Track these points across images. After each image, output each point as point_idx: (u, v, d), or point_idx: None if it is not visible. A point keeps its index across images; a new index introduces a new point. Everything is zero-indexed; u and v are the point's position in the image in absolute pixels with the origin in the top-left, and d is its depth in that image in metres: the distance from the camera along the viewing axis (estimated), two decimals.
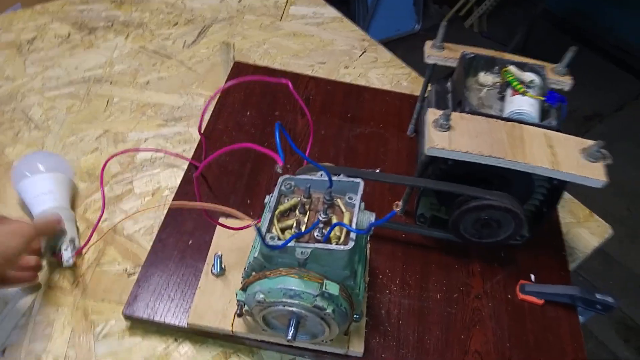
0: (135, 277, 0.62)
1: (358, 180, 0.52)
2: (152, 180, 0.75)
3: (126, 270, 0.64)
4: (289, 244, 0.46)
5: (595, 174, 0.56)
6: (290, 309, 0.48)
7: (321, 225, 0.48)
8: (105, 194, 0.71)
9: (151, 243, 0.65)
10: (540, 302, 0.65)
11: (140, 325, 0.59)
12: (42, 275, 0.62)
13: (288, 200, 0.52)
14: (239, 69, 0.91)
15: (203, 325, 0.56)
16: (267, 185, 0.73)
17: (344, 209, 0.51)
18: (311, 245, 0.46)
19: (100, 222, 0.68)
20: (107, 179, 0.74)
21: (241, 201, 0.71)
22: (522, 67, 0.66)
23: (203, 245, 0.64)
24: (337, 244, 0.47)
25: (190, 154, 0.77)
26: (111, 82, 0.88)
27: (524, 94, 0.62)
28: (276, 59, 0.98)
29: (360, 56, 1.01)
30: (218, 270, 0.59)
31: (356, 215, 0.49)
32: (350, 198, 0.52)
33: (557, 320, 0.63)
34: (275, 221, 0.49)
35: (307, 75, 0.93)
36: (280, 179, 0.52)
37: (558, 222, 0.75)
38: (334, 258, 0.47)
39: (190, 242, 0.65)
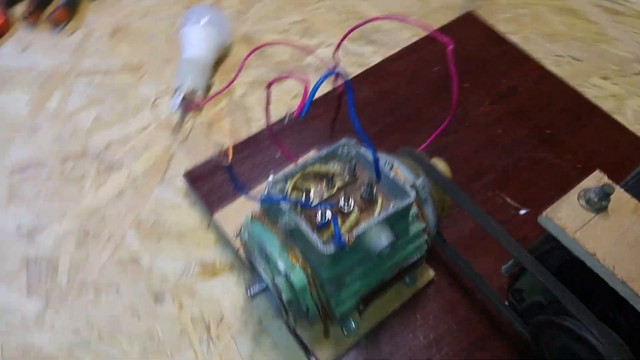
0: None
1: (410, 194, 0.39)
2: (301, 85, 0.72)
3: (223, 147, 0.66)
4: (279, 203, 0.39)
5: None
6: (258, 267, 0.43)
7: (330, 210, 0.39)
8: (258, 73, 0.73)
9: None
10: None
11: (193, 194, 0.61)
12: (163, 114, 0.69)
13: (333, 165, 0.43)
14: (466, 21, 0.77)
15: (221, 228, 0.55)
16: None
17: (377, 212, 0.40)
18: (296, 220, 0.38)
19: (236, 94, 0.70)
20: (275, 61, 0.74)
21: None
22: None
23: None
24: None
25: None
26: None
27: None
28: (523, 31, 0.79)
29: (637, 74, 0.74)
30: None
31: (371, 226, 0.37)
32: (393, 206, 0.40)
33: None
34: (298, 174, 0.42)
35: (540, 65, 0.72)
36: (343, 140, 0.44)
37: None
38: (316, 251, 0.38)
39: (277, 155, 0.63)
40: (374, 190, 0.40)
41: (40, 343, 0.52)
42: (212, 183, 0.60)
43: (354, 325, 0.46)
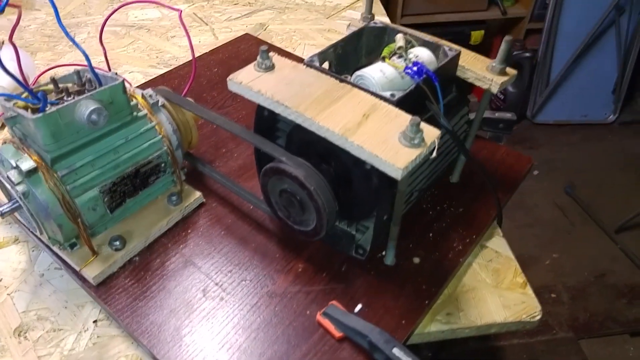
0: None
1: (118, 79, 0.48)
2: None
3: None
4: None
5: (395, 158, 0.40)
6: (3, 181, 0.47)
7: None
8: None
9: None
10: (339, 335, 0.48)
11: None
12: None
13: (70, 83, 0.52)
14: (244, 39, 0.94)
15: None
16: None
17: None
18: (13, 108, 0.45)
19: None
20: None
21: None
22: (423, 44, 0.53)
23: None
24: None
25: None
26: None
27: (383, 59, 0.49)
28: (293, 45, 0.97)
29: None
30: None
31: (79, 99, 0.46)
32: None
33: None
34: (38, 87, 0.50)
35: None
36: (82, 69, 0.53)
37: (448, 271, 0.54)
38: (35, 133, 0.45)
39: None
40: (95, 88, 0.49)
41: None
42: None
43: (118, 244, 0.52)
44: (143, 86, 0.81)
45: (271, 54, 0.50)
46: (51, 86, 0.50)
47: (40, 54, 0.92)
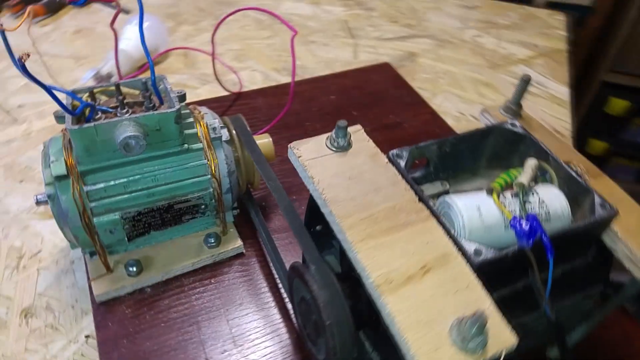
0: None
1: (175, 105, 0.42)
2: None
3: None
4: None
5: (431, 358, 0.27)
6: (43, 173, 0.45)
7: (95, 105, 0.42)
8: (181, 77, 0.80)
9: None
10: None
11: None
12: None
13: (134, 90, 0.47)
14: (381, 68, 0.83)
15: None
16: None
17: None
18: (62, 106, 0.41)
19: None
20: (200, 72, 0.82)
21: None
22: (564, 180, 0.37)
23: None
24: None
25: None
26: None
27: (491, 192, 0.35)
28: (435, 89, 0.83)
29: None
30: None
31: (121, 120, 0.40)
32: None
33: None
34: (100, 88, 0.46)
35: (433, 111, 0.76)
36: (157, 78, 0.48)
37: None
38: (74, 139, 0.41)
39: None
40: (154, 105, 0.43)
41: None
42: None
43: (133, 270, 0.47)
44: (251, 95, 0.76)
45: (352, 130, 0.39)
46: (113, 88, 0.45)
47: (184, 27, 0.93)
